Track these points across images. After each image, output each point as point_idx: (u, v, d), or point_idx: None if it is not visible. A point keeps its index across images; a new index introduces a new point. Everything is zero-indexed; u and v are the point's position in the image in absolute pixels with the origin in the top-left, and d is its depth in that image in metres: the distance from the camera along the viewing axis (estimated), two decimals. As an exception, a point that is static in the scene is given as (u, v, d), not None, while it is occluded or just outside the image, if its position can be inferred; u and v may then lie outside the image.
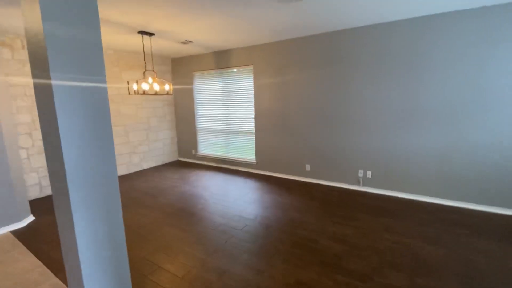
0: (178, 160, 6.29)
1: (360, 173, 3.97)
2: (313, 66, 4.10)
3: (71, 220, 1.37)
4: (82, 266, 1.43)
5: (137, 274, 2.17)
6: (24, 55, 3.73)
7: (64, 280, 2.10)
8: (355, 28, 3.68)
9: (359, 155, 3.94)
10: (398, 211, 3.21)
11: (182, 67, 5.79)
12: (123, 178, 4.91)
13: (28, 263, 2.34)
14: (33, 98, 3.83)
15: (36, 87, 1.36)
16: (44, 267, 2.28)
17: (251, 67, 4.77)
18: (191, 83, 5.72)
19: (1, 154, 2.85)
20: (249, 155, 5.18)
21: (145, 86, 3.76)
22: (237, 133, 5.27)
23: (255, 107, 4.84)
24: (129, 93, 3.88)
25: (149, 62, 5.38)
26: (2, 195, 2.88)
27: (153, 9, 2.85)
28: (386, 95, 3.59)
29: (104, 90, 1.46)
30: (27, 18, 1.30)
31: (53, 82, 1.25)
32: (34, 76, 1.36)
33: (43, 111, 1.36)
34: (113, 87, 4.87)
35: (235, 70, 5.02)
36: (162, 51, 5.09)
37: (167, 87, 4.01)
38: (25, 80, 3.76)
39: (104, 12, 2.87)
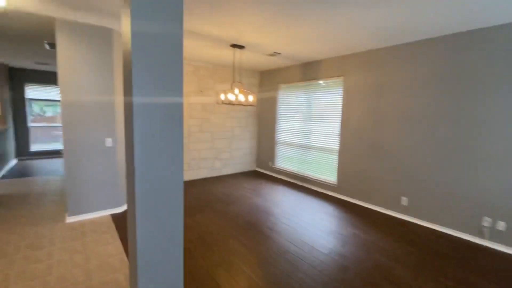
0: (255, 170, 6.32)
1: (486, 222, 2.88)
2: (424, 79, 3.32)
3: (135, 215, 1.35)
4: (139, 260, 1.39)
5: (195, 282, 2.09)
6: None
7: (134, 273, 2.23)
8: (494, 27, 2.76)
9: (486, 198, 2.88)
10: (559, 295, 2.09)
11: (269, 79, 5.86)
12: (203, 181, 5.23)
13: (114, 248, 2.63)
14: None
15: (125, 100, 1.43)
16: (124, 255, 2.51)
17: (341, 79, 4.31)
18: (276, 96, 5.69)
19: (112, 150, 3.42)
20: (329, 175, 4.65)
21: (231, 97, 3.89)
22: (317, 149, 4.85)
23: (341, 123, 4.32)
24: (217, 103, 4.10)
25: (238, 75, 5.67)
26: (108, 184, 3.43)
27: (245, 22, 2.88)
28: (543, 117, 2.49)
29: (180, 105, 1.42)
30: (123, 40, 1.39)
31: (134, 99, 1.26)
32: (124, 92, 1.44)
33: (126, 120, 1.41)
34: (207, 97, 5.33)
35: (321, 82, 4.66)
36: (252, 64, 5.26)
37: (250, 98, 4.04)
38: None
39: (203, 27, 3.10)
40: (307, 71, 4.90)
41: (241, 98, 3.91)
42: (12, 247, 2.58)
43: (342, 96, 4.30)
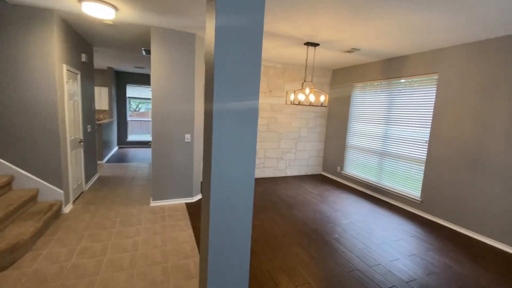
0: (321, 175, 6.02)
1: None
2: (560, 73, 2.51)
3: (209, 210, 1.39)
4: (210, 256, 1.43)
5: (257, 284, 2.08)
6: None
7: (203, 262, 2.37)
8: None
9: None
10: None
11: (342, 78, 5.46)
12: (267, 180, 5.26)
13: (187, 235, 2.86)
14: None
15: (206, 101, 1.47)
16: (195, 243, 2.69)
17: (434, 77, 3.66)
18: (349, 96, 5.26)
19: (189, 145, 3.73)
20: (411, 189, 4.03)
21: (301, 97, 3.76)
22: (396, 157, 4.26)
23: (431, 128, 3.68)
24: (286, 103, 4.03)
25: (309, 74, 5.46)
26: (185, 175, 3.76)
27: (321, 18, 2.71)
28: None
29: (256, 110, 1.40)
30: (207, 46, 1.43)
31: (215, 105, 1.29)
32: (206, 92, 1.48)
33: (206, 119, 1.46)
34: (275, 97, 5.33)
35: (403, 80, 4.06)
36: (323, 62, 4.99)
37: (322, 98, 3.82)
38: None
39: (278, 26, 3.07)
40: (389, 68, 4.35)
41: (312, 98, 3.73)
42: (110, 222, 3.08)
43: (434, 97, 3.64)
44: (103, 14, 2.72)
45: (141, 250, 2.52)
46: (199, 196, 4.02)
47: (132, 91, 8.25)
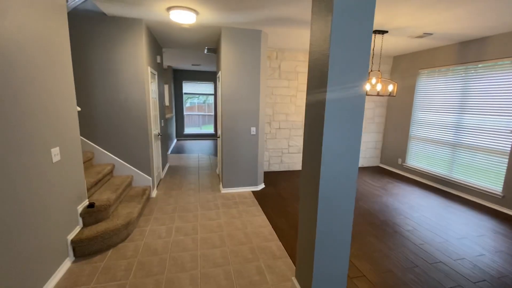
0: (379, 167, 5.83)
1: None
2: None
3: (317, 199, 1.54)
4: (316, 241, 1.59)
5: (341, 272, 2.20)
6: (276, 63, 4.89)
7: (285, 244, 2.56)
8: None
9: None
10: None
11: (404, 65, 5.15)
12: (324, 172, 5.29)
13: (261, 220, 3.10)
14: (276, 97, 4.98)
15: (311, 97, 1.60)
16: (271, 228, 2.91)
17: (524, 59, 3.28)
18: (413, 83, 4.95)
19: (255, 138, 3.95)
20: (490, 183, 3.72)
21: (367, 87, 3.69)
22: (472, 148, 3.94)
23: (519, 117, 3.32)
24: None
25: (375, 63, 5.26)
26: (251, 165, 4.01)
27: (400, 6, 2.62)
28: None
29: (363, 96, 1.47)
30: (314, 42, 1.54)
31: (328, 95, 1.41)
32: (311, 88, 1.60)
33: (312, 118, 1.59)
34: (331, 87, 5.26)
35: (481, 65, 3.69)
36: (385, 49, 4.76)
37: (390, 87, 3.69)
38: (274, 83, 4.95)
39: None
40: (465, 52, 3.98)
41: (379, 87, 3.64)
42: (192, 206, 3.47)
43: (524, 82, 3.27)
44: (186, 19, 3.01)
45: (226, 231, 2.82)
46: (262, 185, 4.25)
47: (187, 87, 8.85)
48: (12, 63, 1.60)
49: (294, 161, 5.37)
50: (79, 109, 2.69)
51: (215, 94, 9.19)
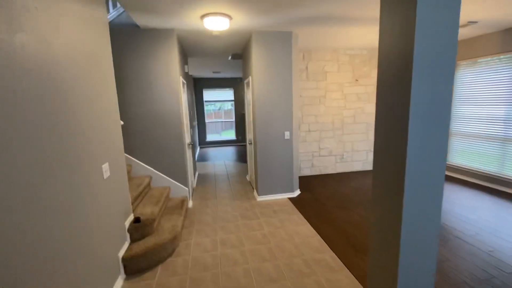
0: (415, 166, 5.51)
1: None
2: None
3: (402, 202, 1.39)
4: (401, 241, 1.43)
5: (409, 285, 2.00)
6: (303, 65, 4.76)
7: (339, 255, 2.40)
8: None
9: None
10: None
11: (439, 57, 4.86)
12: (359, 174, 5.06)
13: (307, 229, 2.95)
14: (304, 98, 4.84)
15: (389, 96, 1.44)
16: (319, 237, 2.76)
17: None
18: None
19: (289, 142, 3.82)
20: (553, 179, 3.38)
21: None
22: (529, 143, 3.61)
23: None
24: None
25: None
26: (286, 171, 3.88)
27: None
28: None
29: (449, 92, 1.32)
30: (387, 31, 1.39)
31: (413, 94, 1.26)
32: (389, 86, 1.44)
33: (390, 117, 1.44)
34: (362, 85, 5.06)
35: (544, 50, 3.38)
36: (419, 42, 4.51)
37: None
38: (302, 84, 4.81)
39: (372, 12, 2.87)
40: (511, 39, 3.69)
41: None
42: (231, 215, 3.38)
43: None
44: (220, 25, 2.95)
45: (273, 242, 2.69)
46: (298, 191, 4.10)
47: (208, 94, 8.88)
48: (67, 81, 1.57)
49: (326, 164, 5.18)
50: (122, 123, 2.68)
51: (235, 100, 9.17)
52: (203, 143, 9.07)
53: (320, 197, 3.90)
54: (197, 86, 8.65)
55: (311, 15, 2.97)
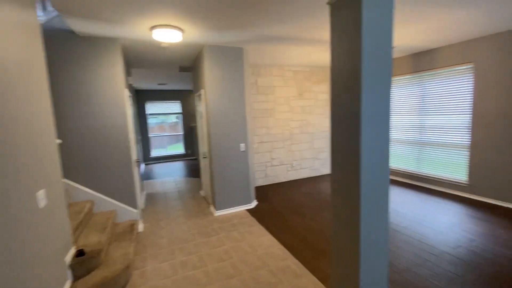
0: (354, 170, 6.18)
1: None
2: None
3: (358, 206, 1.55)
4: (361, 237, 1.58)
5: (365, 279, 2.21)
6: (253, 79, 4.94)
7: (302, 260, 2.50)
8: None
9: None
10: None
11: (366, 75, 5.66)
12: (307, 181, 5.41)
13: (268, 239, 2.99)
14: (255, 111, 5.00)
15: (341, 106, 1.62)
16: (281, 246, 2.83)
17: (469, 66, 3.88)
18: (376, 91, 5.46)
19: (244, 154, 3.87)
20: (455, 174, 4.22)
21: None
22: (436, 145, 4.46)
23: (473, 115, 3.88)
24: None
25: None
26: (243, 183, 3.90)
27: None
28: None
29: (388, 101, 1.56)
30: (337, 53, 1.59)
31: (363, 103, 1.46)
32: (341, 98, 1.63)
33: (344, 124, 1.61)
34: (305, 99, 5.51)
35: (433, 72, 4.28)
36: (351, 61, 5.19)
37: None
38: (252, 98, 4.97)
39: (317, 34, 3.26)
40: (419, 62, 4.57)
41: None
42: (189, 234, 3.20)
43: (472, 85, 3.86)
44: (171, 38, 2.87)
45: (236, 257, 2.64)
46: (255, 202, 4.14)
47: (151, 107, 8.36)
48: (-4, 94, 1.31)
49: (278, 173, 5.39)
50: (59, 141, 2.31)
51: (183, 113, 8.86)
52: (148, 159, 8.43)
53: (277, 206, 4.03)
54: (139, 98, 8.08)
55: (261, 35, 3.14)
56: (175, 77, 6.24)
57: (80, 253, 2.10)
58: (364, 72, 1.44)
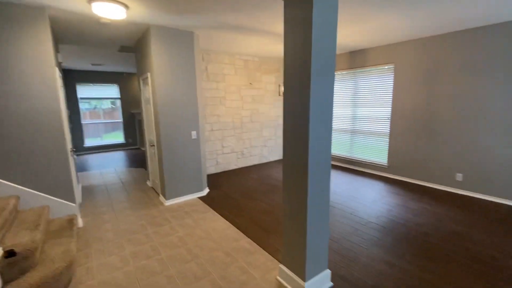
0: (298, 156, 6.70)
1: (544, 192, 3.21)
2: (484, 66, 3.57)
3: (306, 185, 1.76)
4: (308, 214, 1.81)
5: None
6: (203, 65, 4.83)
7: (255, 239, 2.68)
8: (555, 12, 2.99)
9: (544, 170, 3.19)
10: None
11: (310, 68, 6.11)
12: (257, 167, 5.66)
13: (222, 223, 3.09)
14: (206, 99, 4.93)
15: (294, 96, 1.78)
16: (235, 228, 2.96)
17: (391, 66, 4.58)
18: (318, 84, 5.95)
19: (196, 142, 3.84)
20: (379, 157, 5.01)
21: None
22: (366, 133, 5.18)
23: (392, 107, 4.63)
24: (279, 95, 4.42)
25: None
26: (195, 171, 3.88)
27: (321, 18, 3.17)
28: None
29: (332, 93, 1.79)
30: (290, 46, 1.73)
31: (312, 94, 1.64)
32: (293, 88, 1.78)
33: (295, 113, 1.78)
34: (255, 89, 5.66)
35: (365, 69, 4.93)
36: (297, 55, 5.52)
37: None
38: (203, 84, 4.87)
39: (269, 26, 3.41)
40: (354, 59, 5.15)
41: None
42: (138, 226, 3.07)
43: (392, 82, 4.57)
44: (113, 14, 2.61)
45: (192, 243, 2.68)
46: (207, 190, 4.17)
47: (84, 90, 7.38)
48: None
49: (229, 161, 5.49)
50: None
51: (121, 98, 8.07)
52: (81, 149, 7.50)
53: (229, 192, 4.14)
54: (68, 79, 7.03)
55: (216, 21, 3.10)
56: (113, 57, 5.63)
57: (10, 254, 1.85)
58: (314, 64, 1.62)
